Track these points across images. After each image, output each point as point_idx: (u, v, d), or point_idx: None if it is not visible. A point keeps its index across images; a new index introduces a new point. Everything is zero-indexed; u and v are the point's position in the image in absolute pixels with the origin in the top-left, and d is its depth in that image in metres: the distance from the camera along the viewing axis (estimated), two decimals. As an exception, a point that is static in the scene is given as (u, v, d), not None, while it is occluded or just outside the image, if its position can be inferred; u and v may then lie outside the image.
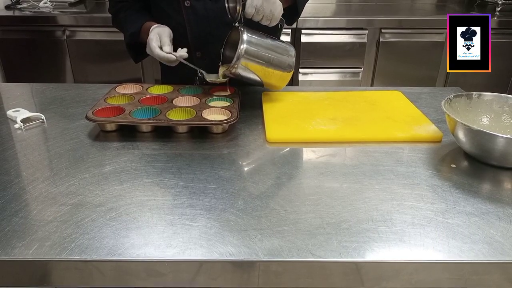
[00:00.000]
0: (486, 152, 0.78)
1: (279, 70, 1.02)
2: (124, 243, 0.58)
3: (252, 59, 0.97)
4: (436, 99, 1.13)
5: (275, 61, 1.00)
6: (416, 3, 2.71)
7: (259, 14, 0.94)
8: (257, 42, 0.98)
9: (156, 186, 0.71)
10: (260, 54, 0.98)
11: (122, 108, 0.94)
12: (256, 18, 0.95)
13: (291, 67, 1.03)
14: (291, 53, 1.03)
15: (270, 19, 0.96)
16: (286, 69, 1.03)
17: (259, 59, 0.98)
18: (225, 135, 0.91)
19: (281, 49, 1.02)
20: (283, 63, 1.02)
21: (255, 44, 0.97)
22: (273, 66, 1.00)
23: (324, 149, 0.85)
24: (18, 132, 0.92)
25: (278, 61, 1.01)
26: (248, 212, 0.65)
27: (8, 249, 0.56)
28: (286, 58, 1.02)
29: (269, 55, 0.99)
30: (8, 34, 2.16)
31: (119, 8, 1.18)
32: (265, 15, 0.95)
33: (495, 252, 0.57)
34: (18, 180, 0.73)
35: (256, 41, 0.97)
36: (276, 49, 1.01)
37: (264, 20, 0.96)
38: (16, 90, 1.19)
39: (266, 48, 0.99)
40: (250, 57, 0.96)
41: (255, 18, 0.95)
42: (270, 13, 0.94)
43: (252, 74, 0.99)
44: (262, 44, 0.98)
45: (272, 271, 0.57)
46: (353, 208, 0.66)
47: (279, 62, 1.01)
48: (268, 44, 1.00)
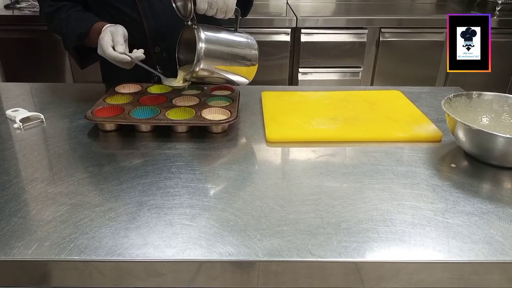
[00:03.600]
0: (486, 152, 0.78)
1: (244, 66, 0.94)
2: (123, 243, 0.58)
3: (214, 59, 0.89)
4: (436, 98, 1.13)
5: (239, 57, 0.92)
6: (416, 3, 2.71)
7: (212, 8, 0.87)
8: (216, 39, 0.90)
9: (156, 186, 0.71)
10: (222, 52, 0.90)
11: (121, 107, 0.94)
12: (209, 13, 0.88)
13: (256, 60, 0.95)
14: (254, 45, 0.95)
15: (225, 11, 0.89)
16: (252, 63, 0.95)
17: (221, 58, 0.90)
18: (224, 135, 0.91)
19: (243, 42, 0.94)
20: (248, 57, 0.94)
21: (215, 42, 0.89)
22: (237, 62, 0.93)
23: (324, 149, 0.85)
24: (17, 131, 0.91)
25: (242, 56, 0.93)
26: (247, 212, 0.65)
27: (7, 249, 0.56)
28: (249, 51, 0.94)
29: (231, 52, 0.91)
30: (7, 33, 2.16)
31: (57, 8, 1.08)
32: (219, 8, 0.88)
33: (495, 252, 0.57)
34: (17, 180, 0.73)
35: (215, 39, 0.89)
36: (238, 44, 0.93)
37: (219, 13, 0.89)
38: (15, 89, 1.18)
39: (227, 45, 0.91)
40: (211, 57, 0.88)
41: (209, 13, 0.88)
42: (224, 4, 0.87)
43: (215, 74, 0.92)
44: (222, 41, 0.90)
45: (272, 271, 0.57)
46: (353, 208, 0.66)
47: (243, 57, 0.93)
48: (229, 39, 0.92)
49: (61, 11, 1.08)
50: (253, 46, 0.95)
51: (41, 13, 1.13)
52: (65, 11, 1.07)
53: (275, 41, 2.14)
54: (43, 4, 1.11)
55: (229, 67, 0.92)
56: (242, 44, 0.94)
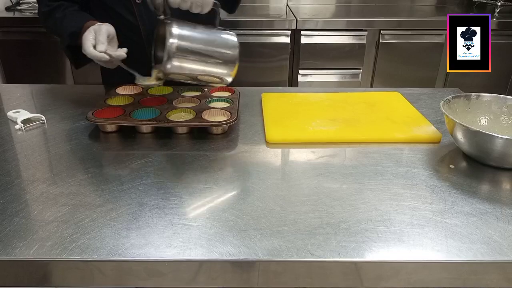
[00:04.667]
0: (484, 153, 0.78)
1: (223, 65, 0.87)
2: (124, 243, 0.58)
3: (187, 56, 0.83)
4: (435, 100, 1.13)
5: (216, 55, 0.85)
6: (415, 5, 2.72)
7: (186, 1, 0.82)
8: (190, 34, 0.83)
9: (156, 187, 0.72)
10: (196, 50, 0.83)
11: (122, 109, 0.95)
12: (183, 6, 0.83)
13: (235, 59, 0.87)
14: (234, 43, 0.87)
15: (201, 4, 0.83)
16: (231, 63, 0.87)
17: (195, 56, 0.84)
18: (224, 136, 0.91)
19: (221, 40, 0.87)
20: (226, 56, 0.86)
21: (188, 37, 0.83)
22: (214, 61, 0.86)
23: (324, 150, 0.86)
24: (19, 133, 0.92)
25: (220, 54, 0.86)
26: (247, 212, 0.65)
27: (9, 249, 0.57)
28: (227, 50, 0.87)
29: (207, 50, 0.84)
30: (8, 35, 2.16)
31: (54, 7, 1.07)
32: (194, 1, 0.82)
33: (493, 251, 0.58)
34: (18, 181, 0.73)
35: (188, 34, 0.83)
36: (215, 41, 0.86)
37: (194, 7, 0.83)
38: (17, 91, 1.19)
39: (203, 43, 0.84)
40: (183, 53, 0.82)
41: (183, 7, 0.83)
42: None
43: (190, 73, 0.86)
44: (196, 38, 0.83)
45: (272, 270, 0.57)
46: (352, 208, 0.66)
47: (221, 55, 0.86)
48: (205, 36, 0.85)
49: (57, 10, 1.07)
50: (233, 44, 0.87)
51: (39, 13, 1.12)
52: (61, 10, 1.07)
53: (275, 43, 2.14)
54: (40, 3, 1.10)
55: (204, 66, 0.85)
56: (220, 42, 0.87)
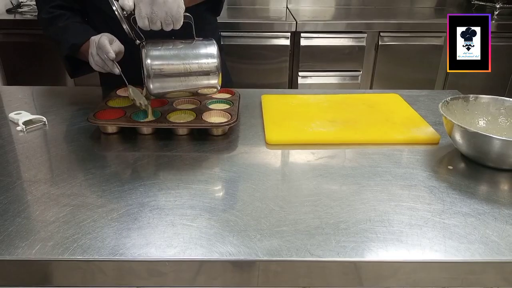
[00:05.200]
0: (482, 154, 0.79)
1: (204, 76, 0.87)
2: (125, 243, 0.59)
3: (165, 75, 0.84)
4: (434, 101, 1.14)
5: (193, 67, 0.85)
6: (415, 7, 2.73)
7: (154, 22, 0.82)
8: (164, 53, 0.84)
9: (157, 187, 0.72)
10: (172, 66, 0.84)
11: (123, 110, 0.95)
12: (154, 28, 0.83)
13: (216, 68, 0.87)
14: (213, 53, 0.87)
15: (171, 22, 0.83)
16: (212, 72, 0.87)
17: (172, 72, 0.85)
18: (225, 137, 0.92)
19: (197, 52, 0.87)
20: (205, 67, 0.86)
21: (162, 57, 0.84)
22: (194, 73, 0.86)
23: (323, 151, 0.86)
24: (20, 134, 0.92)
25: (199, 66, 0.86)
26: (247, 213, 0.65)
27: (11, 249, 0.57)
28: (206, 60, 0.86)
29: (183, 63, 0.85)
30: (9, 37, 2.17)
31: (56, 15, 1.09)
32: (163, 21, 0.82)
33: (491, 251, 0.58)
34: (20, 182, 0.74)
35: (162, 53, 0.84)
36: (190, 53, 0.86)
37: (165, 26, 0.83)
38: (18, 93, 1.20)
39: (178, 57, 0.85)
40: (161, 73, 0.84)
41: (154, 28, 0.83)
42: (167, 15, 0.81)
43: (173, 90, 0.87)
44: (171, 54, 0.85)
45: (272, 270, 0.58)
46: (352, 209, 0.67)
47: (200, 67, 0.86)
48: (180, 51, 0.85)
49: (59, 19, 1.09)
50: (210, 53, 0.87)
51: (39, 18, 1.14)
52: (63, 20, 1.09)
53: (275, 45, 2.15)
54: (41, 10, 1.12)
55: (187, 81, 0.86)
56: (196, 54, 0.87)
